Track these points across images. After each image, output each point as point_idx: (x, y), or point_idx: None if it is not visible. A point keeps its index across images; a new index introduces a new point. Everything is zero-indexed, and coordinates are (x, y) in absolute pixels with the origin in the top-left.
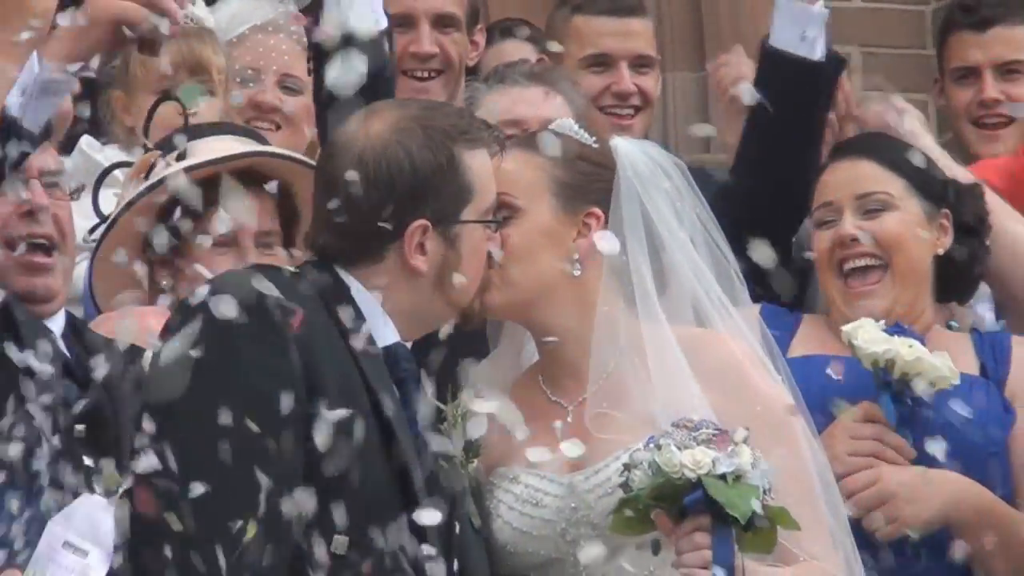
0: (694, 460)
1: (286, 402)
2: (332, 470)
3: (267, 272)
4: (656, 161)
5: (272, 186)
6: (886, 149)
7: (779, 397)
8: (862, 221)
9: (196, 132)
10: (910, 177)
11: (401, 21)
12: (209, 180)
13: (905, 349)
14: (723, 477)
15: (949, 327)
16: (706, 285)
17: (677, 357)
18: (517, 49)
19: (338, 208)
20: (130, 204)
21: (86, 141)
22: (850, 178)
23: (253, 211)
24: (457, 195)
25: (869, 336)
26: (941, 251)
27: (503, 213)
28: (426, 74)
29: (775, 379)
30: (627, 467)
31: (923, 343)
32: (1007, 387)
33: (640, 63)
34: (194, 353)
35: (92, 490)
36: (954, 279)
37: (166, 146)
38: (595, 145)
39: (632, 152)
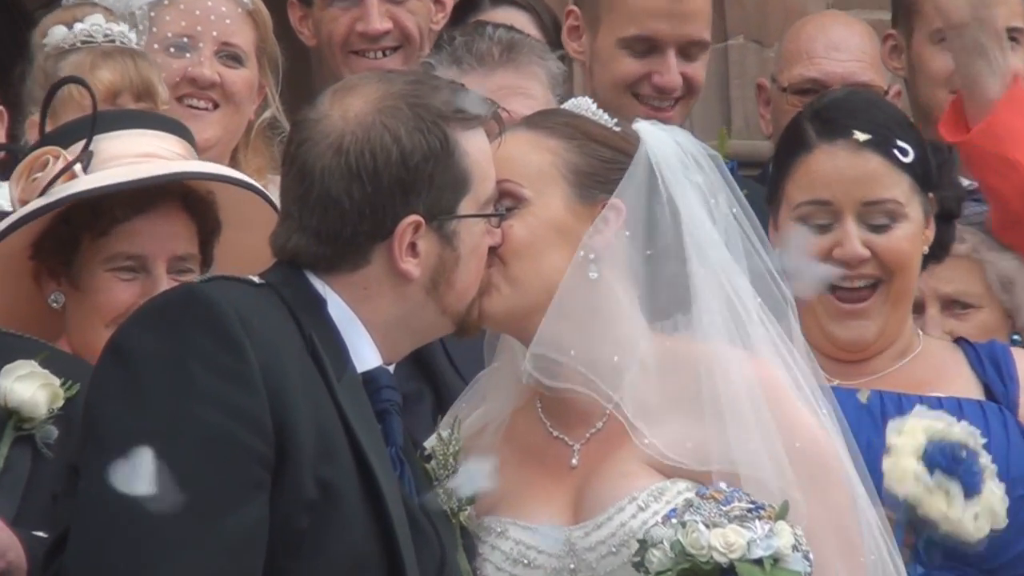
0: (726, 542)
1: (250, 443)
2: (304, 524)
3: (228, 284)
4: (687, 151)
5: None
6: (887, 132)
7: (821, 432)
8: (869, 235)
9: (103, 123)
10: (914, 173)
11: None
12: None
13: (940, 504)
14: (759, 562)
15: (1013, 341)
16: (742, 295)
17: (712, 383)
18: (509, 19)
19: (313, 205)
20: (19, 224)
21: None
22: (855, 176)
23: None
24: (453, 185)
25: (911, 470)
26: (927, 248)
27: (506, 203)
28: (380, 53)
29: (818, 410)
30: (643, 544)
31: (976, 483)
32: (1021, 409)
33: (691, 49)
34: (140, 383)
35: None
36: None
37: (65, 137)
38: (616, 128)
39: (659, 138)
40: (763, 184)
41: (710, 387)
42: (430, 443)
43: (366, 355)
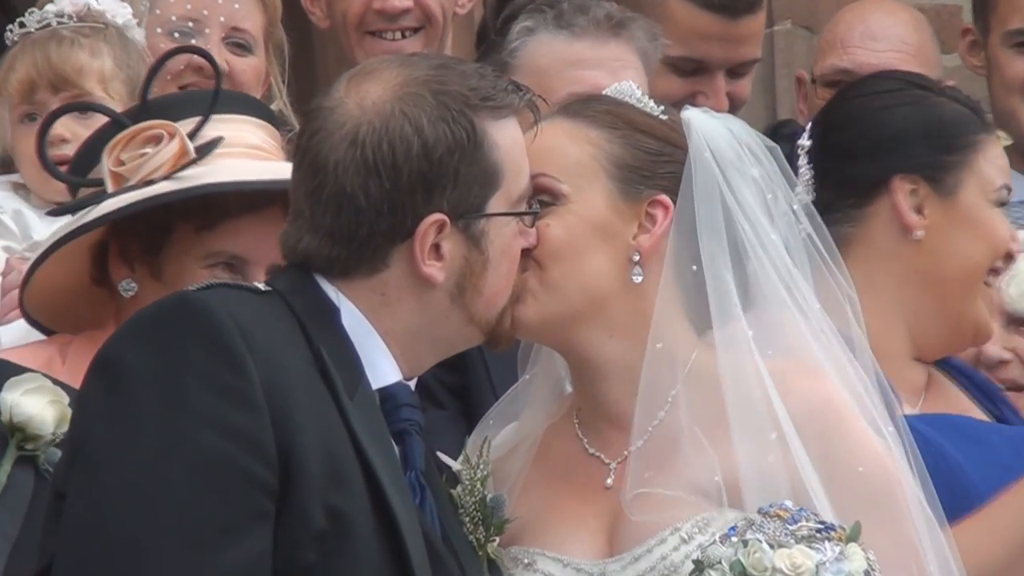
0: (792, 564)
1: (251, 468)
2: (311, 558)
3: (228, 291)
4: (742, 141)
5: None
6: None
7: (886, 457)
8: None
9: (218, 101)
10: None
11: None
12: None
13: None
14: None
15: None
16: (802, 304)
17: (768, 401)
18: None
19: (326, 203)
20: (146, 203)
21: None
22: None
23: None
24: (481, 180)
25: None
26: None
27: (542, 199)
28: (399, 34)
29: (884, 434)
30: (699, 565)
31: None
32: None
33: (740, 68)
34: (130, 401)
35: None
36: None
37: (172, 112)
38: (663, 116)
39: (711, 128)
40: None
41: (764, 406)
42: (456, 466)
43: (384, 369)
